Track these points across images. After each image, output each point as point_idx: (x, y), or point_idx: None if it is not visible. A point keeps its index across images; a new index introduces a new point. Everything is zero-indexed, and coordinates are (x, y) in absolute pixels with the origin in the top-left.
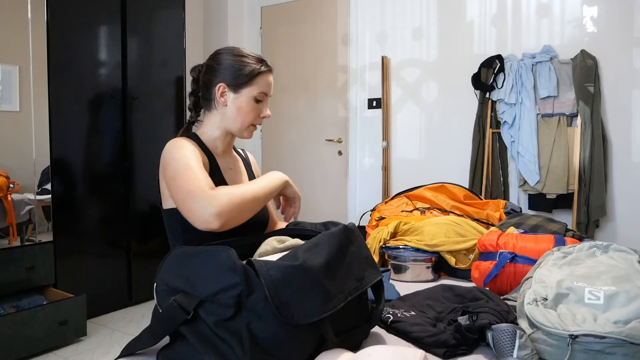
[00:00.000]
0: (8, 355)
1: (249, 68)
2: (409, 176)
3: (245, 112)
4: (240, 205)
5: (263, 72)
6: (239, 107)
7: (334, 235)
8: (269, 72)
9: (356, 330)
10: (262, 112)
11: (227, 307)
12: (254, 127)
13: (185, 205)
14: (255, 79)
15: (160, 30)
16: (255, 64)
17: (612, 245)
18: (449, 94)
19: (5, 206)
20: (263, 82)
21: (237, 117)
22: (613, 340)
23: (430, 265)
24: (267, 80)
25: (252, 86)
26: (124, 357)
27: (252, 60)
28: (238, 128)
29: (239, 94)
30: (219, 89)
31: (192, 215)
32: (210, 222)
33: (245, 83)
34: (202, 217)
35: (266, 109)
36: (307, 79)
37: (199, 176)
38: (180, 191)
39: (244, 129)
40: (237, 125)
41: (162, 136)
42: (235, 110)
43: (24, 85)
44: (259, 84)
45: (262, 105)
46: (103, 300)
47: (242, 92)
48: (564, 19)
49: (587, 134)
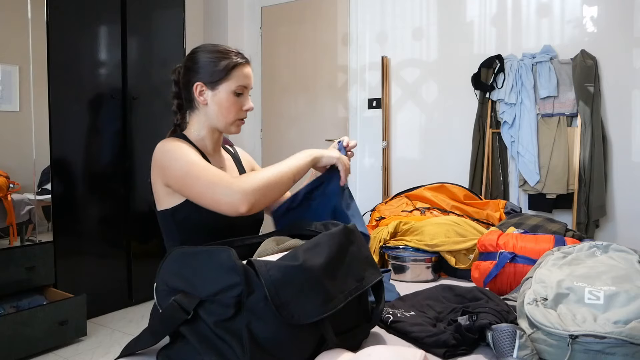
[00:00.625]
0: (8, 355)
1: (224, 63)
2: (409, 176)
3: (226, 107)
4: (265, 186)
5: (238, 64)
6: (219, 103)
7: (334, 235)
8: (245, 64)
9: (356, 331)
10: (244, 105)
11: (227, 307)
12: (241, 122)
13: (208, 197)
14: (231, 73)
15: (160, 30)
16: (229, 58)
17: (612, 245)
18: (449, 94)
19: (5, 206)
20: (240, 75)
21: (219, 114)
22: (613, 341)
23: (430, 265)
24: (244, 73)
25: (229, 81)
26: (124, 357)
27: (226, 54)
28: (223, 125)
29: (217, 91)
30: (197, 88)
31: (218, 204)
32: (238, 206)
33: (221, 79)
34: (230, 203)
35: (248, 101)
36: (307, 79)
37: (210, 168)
38: (198, 186)
39: (229, 125)
40: (221, 123)
41: (162, 136)
42: (216, 108)
43: (24, 85)
44: (235, 77)
45: (243, 99)
46: (103, 300)
47: (219, 88)
48: (564, 19)
49: (587, 134)
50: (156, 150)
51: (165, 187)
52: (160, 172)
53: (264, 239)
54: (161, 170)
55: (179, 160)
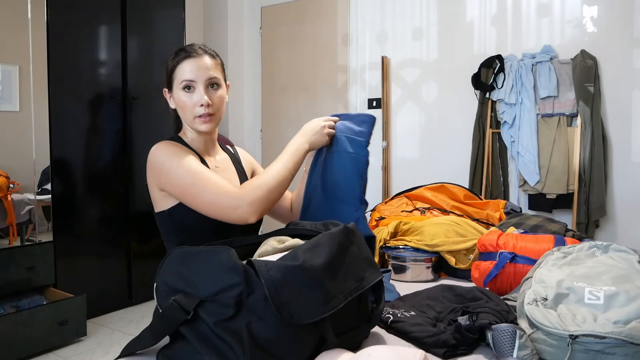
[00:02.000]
0: (8, 355)
1: (170, 64)
2: (409, 176)
3: (181, 107)
4: (268, 193)
5: (178, 62)
6: (177, 104)
7: (334, 235)
8: (191, 57)
9: (356, 331)
10: (197, 100)
11: (227, 307)
12: (202, 118)
13: (215, 209)
14: (175, 72)
15: (160, 30)
16: (175, 56)
17: (612, 246)
18: (449, 94)
19: (5, 206)
20: (182, 71)
21: (181, 114)
22: (613, 341)
23: (430, 265)
24: (189, 67)
25: (175, 79)
26: (124, 357)
27: (175, 55)
28: (188, 124)
29: (173, 92)
30: (165, 93)
31: (228, 216)
32: (247, 218)
33: (171, 80)
34: (237, 216)
35: (202, 95)
36: (307, 79)
37: (213, 179)
38: (204, 196)
39: (191, 123)
40: (187, 122)
41: (162, 136)
42: (178, 109)
43: (24, 85)
44: (179, 74)
45: (195, 94)
46: (103, 300)
47: (173, 89)
48: (564, 19)
49: (587, 134)
50: (151, 154)
51: (160, 191)
52: (156, 177)
53: (264, 239)
54: (158, 176)
55: (180, 169)
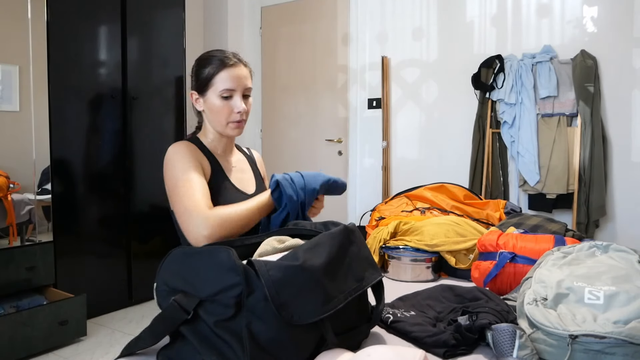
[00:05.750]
0: (8, 355)
1: (206, 70)
2: (409, 176)
3: (216, 112)
4: (230, 227)
5: (220, 69)
6: (210, 109)
7: (334, 235)
8: (230, 66)
9: (356, 331)
10: (234, 108)
11: (227, 307)
12: (236, 124)
13: (182, 220)
14: (214, 79)
15: (160, 30)
16: (211, 63)
17: (612, 245)
18: (449, 94)
19: (5, 206)
20: (223, 79)
21: (213, 118)
22: (613, 340)
23: (430, 265)
24: (228, 76)
25: (214, 86)
26: (124, 357)
27: (210, 60)
28: (219, 128)
29: (206, 97)
30: (192, 96)
31: (185, 231)
32: (200, 241)
33: (206, 85)
34: (194, 236)
35: (240, 103)
36: (307, 78)
37: (195, 193)
38: (179, 206)
39: (223, 127)
40: (217, 126)
41: (162, 136)
42: (209, 113)
43: (24, 85)
44: (219, 81)
45: (233, 101)
46: (103, 300)
47: (207, 94)
48: (564, 19)
49: (587, 134)
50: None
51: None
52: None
53: (264, 239)
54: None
55: (172, 171)
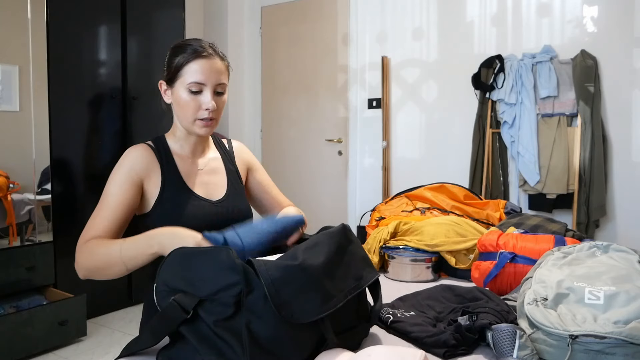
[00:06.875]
0: (8, 355)
1: (177, 58)
2: (409, 176)
3: (182, 106)
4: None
5: (188, 60)
6: (177, 102)
7: (333, 234)
8: (203, 57)
9: (356, 330)
10: (204, 104)
11: (226, 307)
12: (204, 122)
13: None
14: (183, 69)
15: (160, 30)
16: (184, 52)
17: (612, 245)
18: (449, 94)
19: (5, 206)
20: (194, 71)
21: (179, 113)
22: (613, 341)
23: (430, 265)
24: (200, 68)
25: (183, 77)
26: (124, 357)
27: (183, 49)
28: (185, 125)
29: (174, 88)
30: (161, 86)
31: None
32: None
33: (175, 75)
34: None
35: (209, 99)
36: (307, 79)
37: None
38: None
39: (191, 125)
40: (184, 122)
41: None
42: (176, 107)
43: (24, 85)
44: (188, 73)
45: (203, 96)
46: (103, 300)
47: (175, 85)
48: (564, 19)
49: (587, 134)
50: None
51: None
52: None
53: None
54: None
55: (107, 185)
